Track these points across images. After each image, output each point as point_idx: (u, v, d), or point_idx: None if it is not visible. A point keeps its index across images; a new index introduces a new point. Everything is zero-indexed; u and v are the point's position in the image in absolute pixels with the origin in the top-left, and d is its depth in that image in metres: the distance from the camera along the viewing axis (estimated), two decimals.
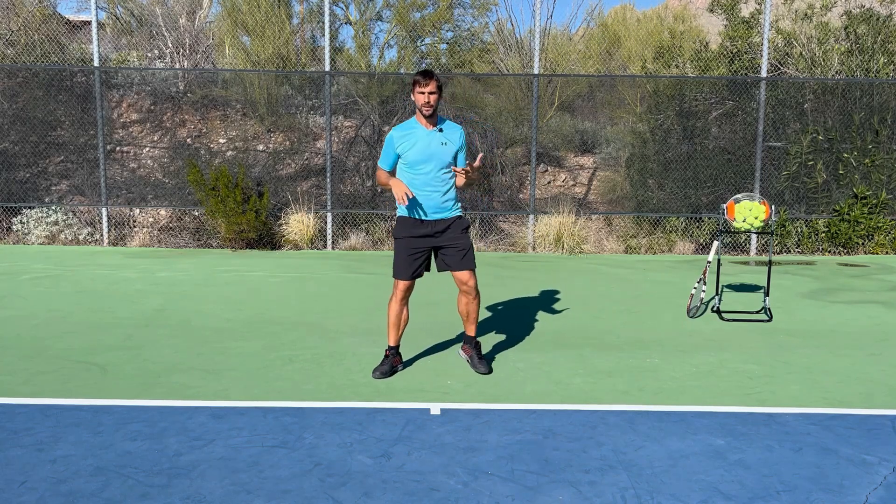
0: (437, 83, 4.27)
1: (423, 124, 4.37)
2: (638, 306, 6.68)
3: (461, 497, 2.97)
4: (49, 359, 4.77)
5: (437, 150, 4.34)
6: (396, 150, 4.39)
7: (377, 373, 4.48)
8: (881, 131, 10.20)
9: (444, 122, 4.44)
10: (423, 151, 4.34)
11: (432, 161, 4.34)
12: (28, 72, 10.50)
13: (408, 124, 4.43)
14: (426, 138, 4.35)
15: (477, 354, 4.61)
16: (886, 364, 4.93)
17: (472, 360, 4.58)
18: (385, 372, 4.48)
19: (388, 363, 4.53)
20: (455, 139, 4.41)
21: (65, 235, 10.18)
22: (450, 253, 4.42)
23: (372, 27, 11.44)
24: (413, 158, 4.35)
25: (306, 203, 10.20)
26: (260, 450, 3.38)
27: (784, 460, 3.36)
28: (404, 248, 4.42)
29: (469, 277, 4.43)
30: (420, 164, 4.35)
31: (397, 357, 4.61)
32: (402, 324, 4.54)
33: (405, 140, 4.36)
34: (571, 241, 9.96)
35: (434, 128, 4.37)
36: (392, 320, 4.51)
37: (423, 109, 4.29)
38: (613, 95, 11.66)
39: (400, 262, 4.43)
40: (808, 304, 6.89)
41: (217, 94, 11.48)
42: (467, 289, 4.45)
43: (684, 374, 4.65)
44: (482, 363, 4.57)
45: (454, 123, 4.50)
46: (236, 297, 6.77)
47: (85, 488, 2.99)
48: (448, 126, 4.43)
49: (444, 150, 4.35)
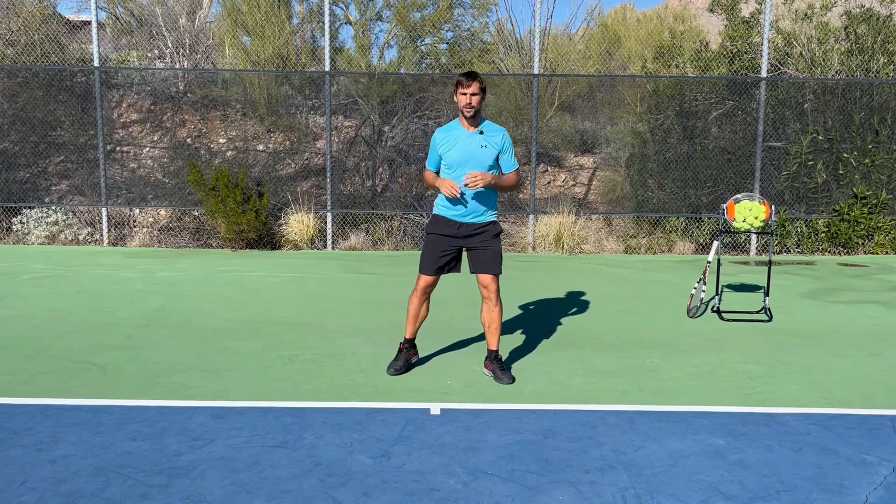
0: (481, 84, 4.24)
1: (464, 126, 4.35)
2: (638, 306, 6.68)
3: (461, 497, 2.97)
4: (49, 359, 4.76)
5: (476, 153, 4.30)
6: (439, 150, 4.40)
7: (391, 369, 4.51)
8: (881, 131, 10.20)
9: (486, 124, 4.39)
10: (462, 153, 4.30)
11: (471, 163, 4.29)
12: (28, 72, 10.51)
13: (450, 126, 4.42)
14: (466, 140, 4.32)
15: (499, 367, 4.47)
16: (886, 364, 4.93)
17: (496, 374, 4.45)
18: (399, 368, 4.51)
19: (402, 358, 4.55)
20: (496, 142, 4.35)
21: (65, 235, 10.18)
22: (477, 255, 4.40)
23: (372, 27, 11.45)
24: (452, 160, 4.33)
25: (306, 203, 10.21)
26: (260, 450, 3.38)
27: (784, 460, 3.36)
28: (433, 243, 4.41)
29: (491, 281, 4.37)
30: (459, 165, 4.32)
31: (412, 350, 4.62)
32: (420, 318, 4.54)
33: (446, 141, 4.35)
34: (571, 241, 9.96)
35: (475, 129, 4.34)
36: (411, 313, 4.52)
37: (465, 111, 4.26)
38: (613, 95, 11.66)
39: (426, 257, 4.42)
40: (808, 304, 6.88)
41: (217, 94, 11.49)
42: (488, 294, 4.39)
43: (684, 374, 4.65)
44: (505, 374, 4.42)
45: (497, 126, 4.43)
46: (236, 297, 6.77)
47: (85, 488, 2.99)
48: (489, 128, 4.38)
49: (484, 153, 4.31)
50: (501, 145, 4.36)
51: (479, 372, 4.60)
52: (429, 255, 4.42)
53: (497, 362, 4.48)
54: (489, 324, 4.44)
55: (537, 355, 5.01)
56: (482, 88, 4.25)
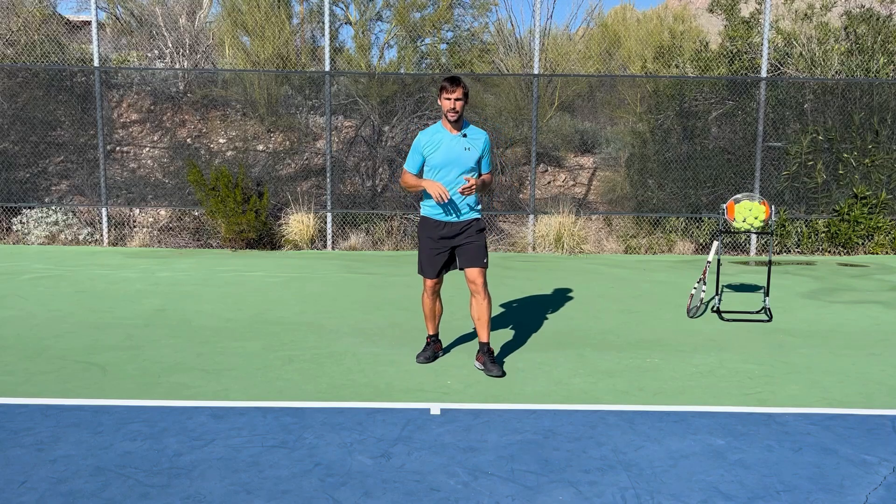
0: (464, 90, 4.41)
1: (448, 129, 4.52)
2: (638, 306, 6.68)
3: (461, 497, 2.97)
4: (49, 359, 4.77)
5: (460, 155, 4.48)
6: (423, 153, 4.54)
7: (421, 358, 4.79)
8: (881, 131, 10.20)
9: (469, 128, 4.57)
10: (447, 155, 4.48)
11: (455, 165, 4.49)
12: (28, 72, 10.50)
13: (434, 129, 4.59)
14: (450, 142, 4.50)
15: (489, 359, 4.60)
16: (886, 364, 4.94)
17: (486, 367, 4.59)
18: (428, 357, 4.80)
19: (430, 349, 4.85)
20: (479, 145, 4.54)
21: (65, 235, 10.18)
22: (463, 251, 4.57)
23: (372, 27, 11.45)
24: (436, 162, 4.51)
25: (306, 203, 10.21)
26: (260, 450, 3.38)
27: (784, 460, 3.36)
28: (426, 247, 4.64)
29: (478, 275, 4.52)
30: (443, 167, 4.50)
31: (438, 343, 4.91)
32: (437, 314, 4.82)
33: (430, 143, 4.52)
34: (571, 241, 9.96)
35: (459, 133, 4.52)
36: (427, 313, 4.80)
37: (449, 115, 4.44)
38: (613, 95, 11.66)
39: (424, 261, 4.66)
40: (808, 304, 6.89)
41: (217, 94, 11.48)
42: (475, 288, 4.54)
43: (684, 374, 4.65)
44: (495, 367, 4.56)
45: (479, 129, 4.63)
46: (236, 297, 6.77)
47: (85, 488, 2.99)
48: (472, 131, 4.57)
49: (467, 156, 4.49)
50: (483, 148, 4.57)
51: (479, 372, 4.60)
52: (426, 260, 4.66)
53: (488, 355, 4.62)
54: (479, 317, 4.59)
55: (537, 355, 5.01)
56: (465, 93, 4.43)
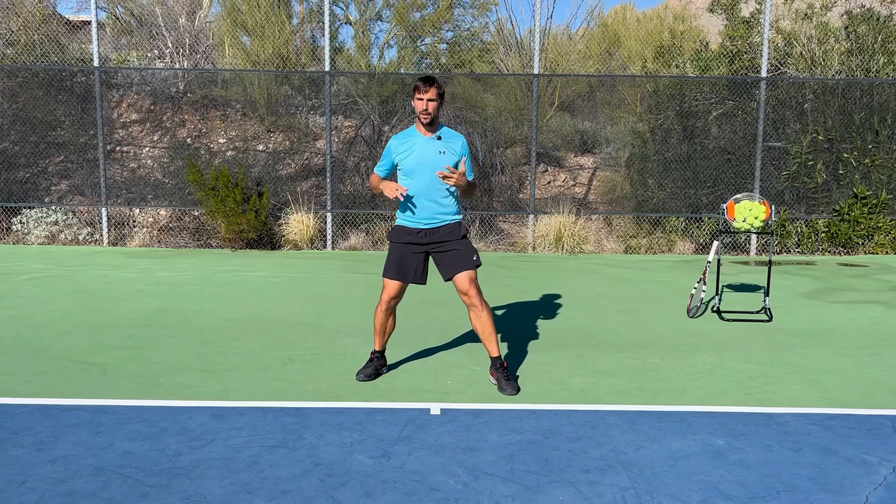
0: (439, 90, 4.11)
1: (421, 132, 4.24)
2: (638, 306, 6.68)
3: (461, 497, 2.97)
4: (49, 359, 4.76)
5: (433, 159, 4.18)
6: (394, 158, 4.28)
7: (361, 375, 4.42)
8: (881, 131, 10.20)
9: (444, 130, 4.28)
10: (420, 159, 4.20)
11: (428, 170, 4.18)
12: (28, 72, 10.50)
13: (407, 132, 4.31)
14: (423, 146, 4.21)
15: (503, 376, 4.26)
16: (886, 364, 4.93)
17: (500, 384, 4.26)
18: (369, 374, 4.42)
19: (373, 366, 4.47)
20: (455, 148, 4.24)
21: (65, 235, 10.17)
22: (444, 258, 4.27)
23: (372, 27, 11.45)
24: (409, 166, 4.22)
25: (306, 203, 10.21)
26: (260, 450, 3.38)
27: (784, 460, 3.36)
28: (396, 250, 4.32)
29: (469, 285, 4.18)
30: (416, 172, 4.21)
31: (382, 360, 4.54)
32: (387, 331, 4.45)
33: (402, 148, 4.24)
34: (571, 241, 9.96)
35: (432, 135, 4.22)
36: (377, 327, 4.42)
37: (422, 117, 4.14)
38: (613, 95, 11.66)
39: (389, 262, 4.32)
40: (808, 304, 6.88)
41: (217, 94, 11.49)
42: (469, 300, 4.20)
43: (684, 374, 4.65)
44: (509, 385, 4.22)
45: (455, 132, 4.33)
46: (236, 297, 6.77)
47: (85, 488, 2.99)
48: (447, 134, 4.27)
49: (442, 159, 4.17)
50: (462, 152, 4.25)
51: (479, 372, 4.60)
52: (392, 260, 4.30)
53: (502, 371, 4.29)
54: (481, 331, 4.26)
55: (537, 355, 5.01)
56: (440, 94, 4.12)
